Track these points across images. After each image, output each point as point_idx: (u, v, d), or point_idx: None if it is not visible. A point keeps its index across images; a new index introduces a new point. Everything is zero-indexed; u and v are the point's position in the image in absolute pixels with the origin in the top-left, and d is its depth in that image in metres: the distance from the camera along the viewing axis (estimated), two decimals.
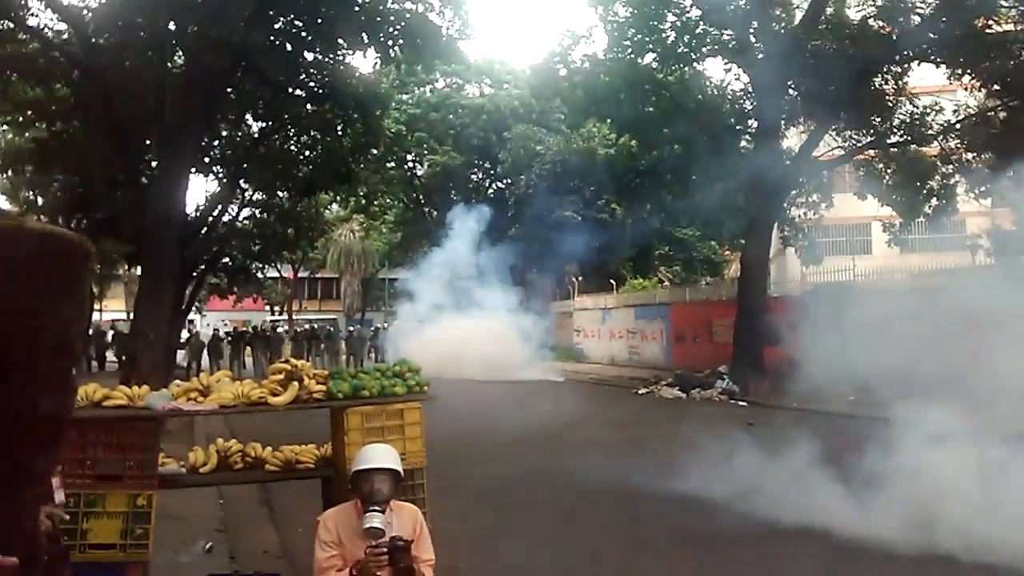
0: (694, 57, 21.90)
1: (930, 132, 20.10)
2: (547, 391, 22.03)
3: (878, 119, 20.51)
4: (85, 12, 16.32)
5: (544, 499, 8.73)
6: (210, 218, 24.21)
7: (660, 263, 39.29)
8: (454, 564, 5.35)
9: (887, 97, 20.37)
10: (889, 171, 21.72)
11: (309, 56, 20.63)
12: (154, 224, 12.28)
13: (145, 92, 16.04)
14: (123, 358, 24.13)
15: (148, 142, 18.53)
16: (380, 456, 3.79)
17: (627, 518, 7.88)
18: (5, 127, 22.36)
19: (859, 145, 21.22)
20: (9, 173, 26.58)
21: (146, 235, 13.15)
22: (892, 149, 21.02)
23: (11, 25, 15.46)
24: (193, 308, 40.40)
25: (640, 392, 20.62)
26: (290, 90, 21.22)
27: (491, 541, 7.03)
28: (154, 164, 18.07)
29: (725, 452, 11.73)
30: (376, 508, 3.66)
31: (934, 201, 21.37)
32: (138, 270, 23.28)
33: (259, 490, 9.00)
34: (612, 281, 33.67)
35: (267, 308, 52.07)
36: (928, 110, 20.29)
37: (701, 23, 21.06)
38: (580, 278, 36.65)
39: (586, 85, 22.54)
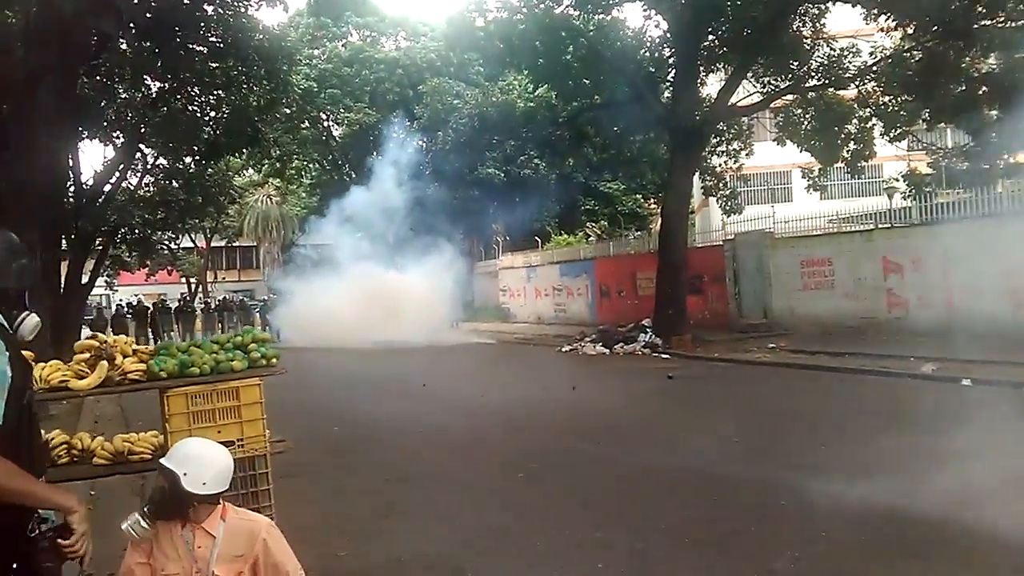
0: (612, 2, 21.18)
1: (847, 75, 19.87)
2: (469, 353, 21.52)
3: (796, 63, 20.21)
4: None
5: (447, 468, 8.13)
6: (107, 186, 22.75)
7: (586, 219, 38.89)
8: None
9: (804, 40, 20.06)
10: (807, 117, 21.53)
11: (209, 9, 19.31)
12: (8, 190, 11.04)
13: (13, 46, 14.49)
14: None
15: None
16: (184, 457, 3.05)
17: (538, 487, 7.33)
18: None
19: (777, 90, 20.90)
20: None
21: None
22: (810, 94, 20.77)
23: None
24: (104, 283, 38.64)
25: (564, 350, 20.19)
26: (190, 46, 19.89)
27: (386, 520, 6.38)
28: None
29: (635, 404, 11.52)
30: (147, 510, 2.98)
31: (852, 146, 21.30)
32: None
33: (138, 480, 8.23)
34: (538, 239, 33.13)
35: (183, 280, 49.99)
36: (845, 52, 20.05)
37: None
38: (506, 237, 36.04)
39: (502, 34, 21.65)
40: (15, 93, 10.93)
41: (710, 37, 20.26)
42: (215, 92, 22.70)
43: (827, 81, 20.03)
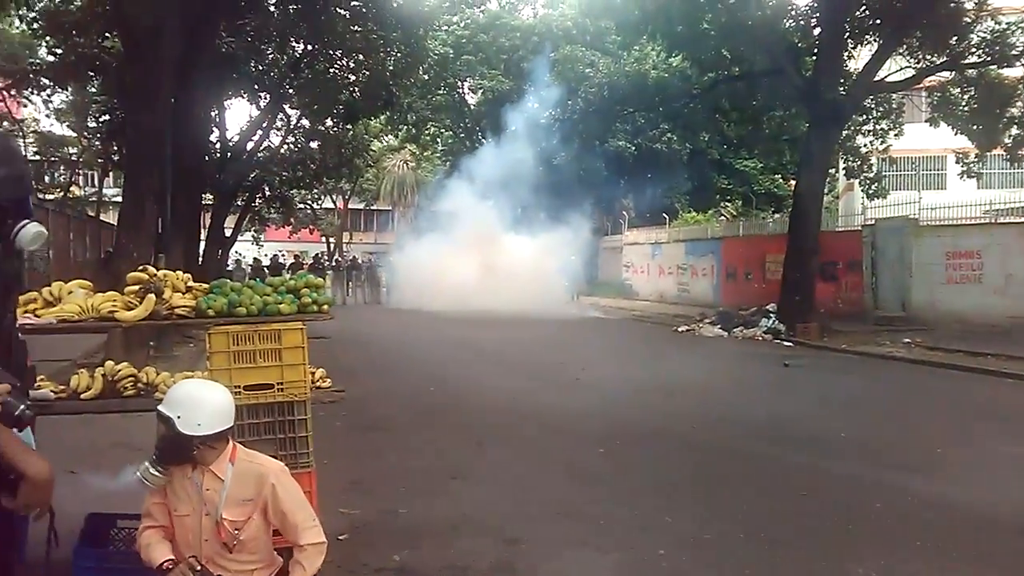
0: None
1: (1013, 53, 18.02)
2: (582, 327, 21.25)
3: (954, 38, 18.50)
4: None
5: (529, 437, 7.97)
6: (250, 143, 23.87)
7: (720, 198, 37.51)
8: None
9: (966, 13, 18.33)
10: (965, 97, 19.75)
11: None
12: (134, 137, 11.62)
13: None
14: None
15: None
16: (176, 400, 2.99)
17: (614, 461, 7.05)
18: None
19: (932, 66, 19.24)
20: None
21: (128, 149, 12.53)
22: (969, 72, 19.00)
23: None
24: (252, 238, 40.78)
25: (680, 330, 19.58)
26: (333, 9, 20.39)
27: (453, 482, 6.29)
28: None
29: (741, 389, 10.95)
30: (155, 457, 2.96)
31: (1014, 131, 19.41)
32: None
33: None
34: (666, 215, 32.28)
35: (323, 239, 52.12)
36: (1012, 28, 18.19)
37: None
38: (632, 212, 35.33)
39: (638, 1, 20.95)
40: (138, 36, 11.40)
41: (861, 7, 18.85)
42: (355, 56, 23.18)
43: (989, 58, 18.27)
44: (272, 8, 20.96)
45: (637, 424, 8.56)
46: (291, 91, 23.55)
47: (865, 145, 22.57)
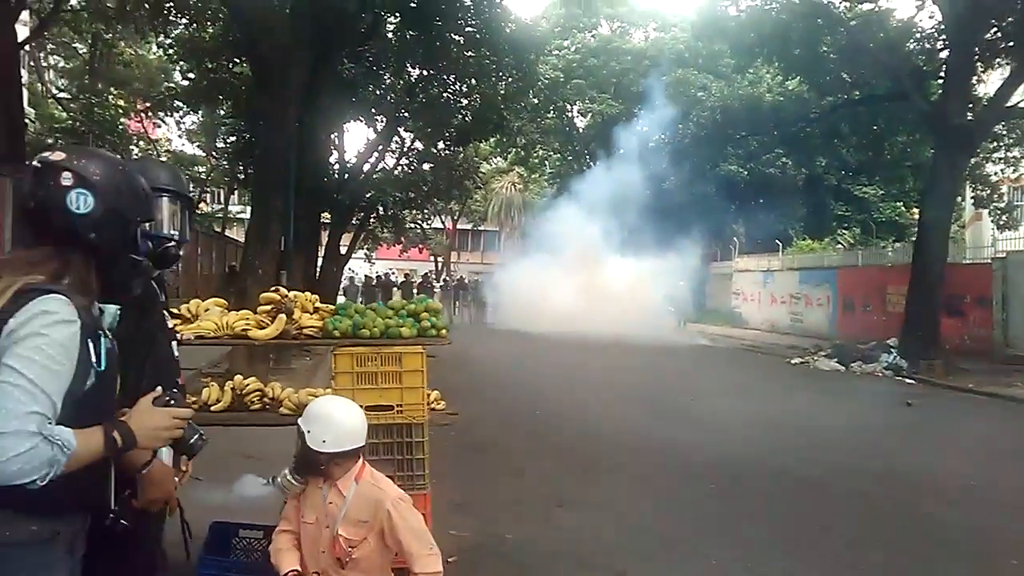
0: None
1: None
2: (690, 355, 20.79)
3: None
4: None
5: (635, 468, 7.84)
6: (367, 165, 24.69)
7: (837, 225, 36.12)
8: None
9: None
10: None
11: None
12: (261, 159, 12.21)
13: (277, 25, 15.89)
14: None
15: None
16: (311, 414, 3.14)
17: (717, 493, 6.85)
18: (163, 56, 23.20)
19: None
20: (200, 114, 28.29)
21: (256, 170, 13.19)
22: None
23: None
24: (364, 256, 42.03)
25: (794, 362, 18.93)
26: (448, 35, 20.92)
27: (558, 510, 6.26)
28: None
29: (860, 428, 10.42)
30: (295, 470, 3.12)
31: None
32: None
33: None
34: (779, 242, 31.34)
35: (432, 258, 53.17)
36: None
37: None
38: (743, 238, 34.51)
39: (754, 23, 20.60)
40: (267, 63, 11.97)
41: (992, 28, 17.94)
42: (468, 80, 23.66)
43: None
44: (390, 35, 21.69)
45: (749, 460, 8.29)
46: (406, 115, 24.22)
47: (995, 173, 21.51)
